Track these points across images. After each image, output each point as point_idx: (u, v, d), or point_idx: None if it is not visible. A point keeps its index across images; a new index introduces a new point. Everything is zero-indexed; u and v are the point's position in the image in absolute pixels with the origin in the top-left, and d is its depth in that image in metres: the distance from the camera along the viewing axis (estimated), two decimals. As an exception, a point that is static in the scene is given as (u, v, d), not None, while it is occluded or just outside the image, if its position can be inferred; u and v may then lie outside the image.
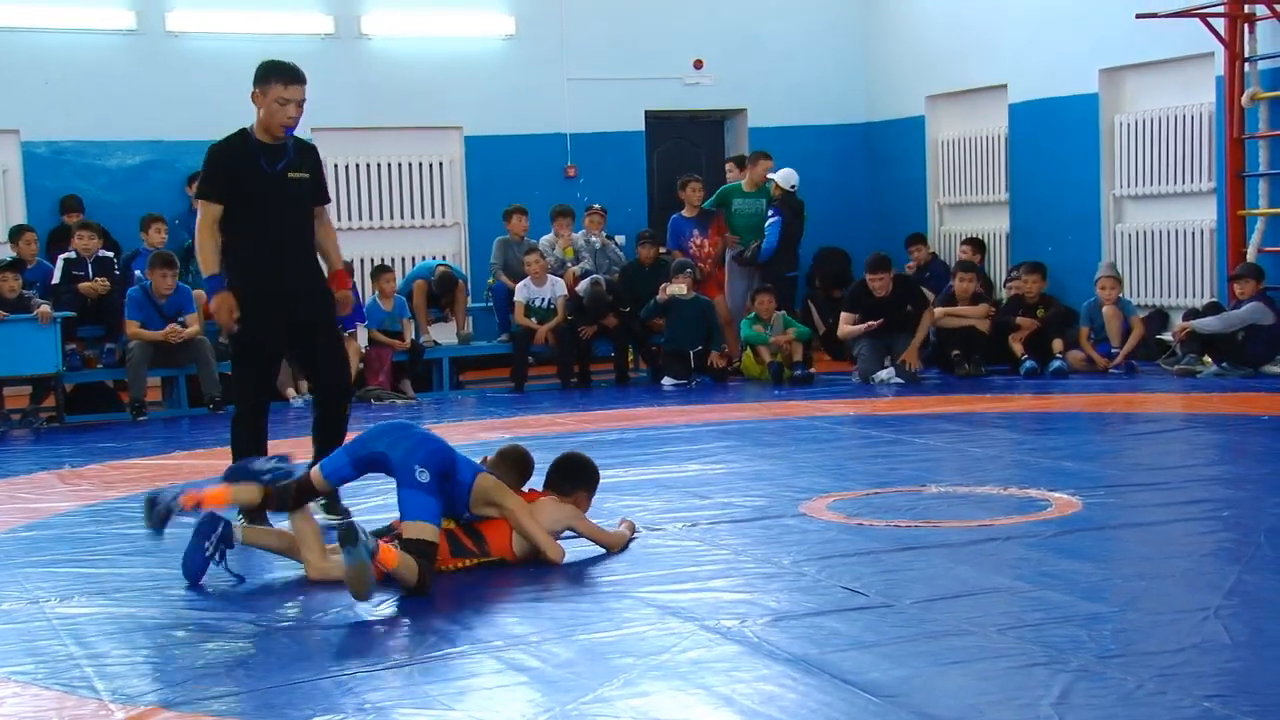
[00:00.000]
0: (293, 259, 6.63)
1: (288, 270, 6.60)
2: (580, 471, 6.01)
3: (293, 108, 6.45)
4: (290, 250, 6.63)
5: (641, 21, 15.33)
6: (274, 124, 6.49)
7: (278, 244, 6.57)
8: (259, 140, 6.55)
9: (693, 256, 13.18)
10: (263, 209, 6.54)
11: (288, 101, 6.44)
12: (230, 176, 6.53)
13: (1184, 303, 12.80)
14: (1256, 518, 6.12)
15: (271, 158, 6.54)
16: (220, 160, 6.57)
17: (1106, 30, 13.16)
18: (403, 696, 4.17)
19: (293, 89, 6.44)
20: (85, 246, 11.79)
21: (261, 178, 6.52)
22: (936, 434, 9.24)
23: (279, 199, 6.56)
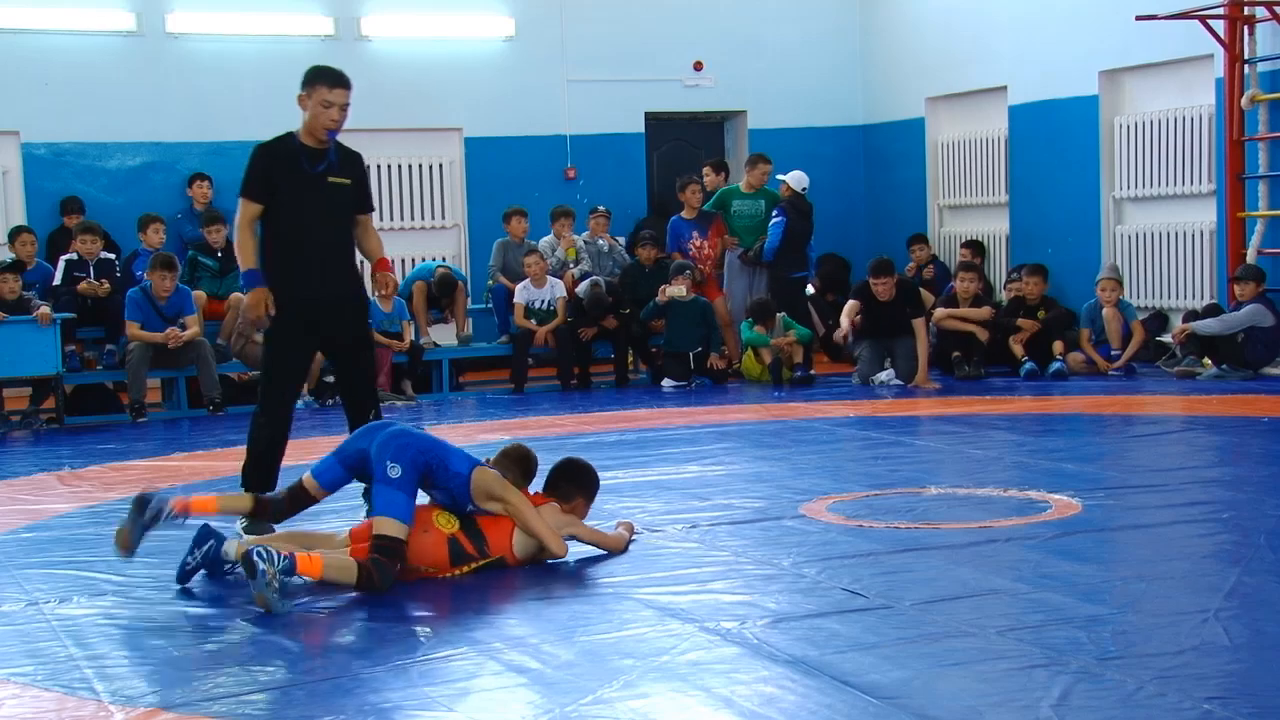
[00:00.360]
0: (324, 263, 6.62)
1: (318, 274, 6.60)
2: (580, 477, 5.99)
3: (336, 111, 6.53)
4: (322, 254, 6.62)
5: (641, 23, 15.34)
6: (318, 126, 6.56)
7: (310, 247, 6.59)
8: (303, 143, 6.62)
9: (692, 258, 13.18)
10: (298, 211, 6.58)
11: (332, 104, 6.51)
12: (269, 176, 6.58)
13: (1184, 304, 12.80)
14: (1256, 520, 6.12)
15: (312, 161, 6.61)
16: (261, 160, 6.63)
17: (1106, 32, 13.16)
18: (403, 698, 4.17)
19: (337, 92, 6.53)
20: (88, 250, 11.79)
21: (299, 180, 6.57)
22: (936, 436, 9.25)
23: (315, 202, 6.61)
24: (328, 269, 6.61)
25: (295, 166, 6.56)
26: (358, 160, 6.83)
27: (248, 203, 6.60)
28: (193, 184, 13.59)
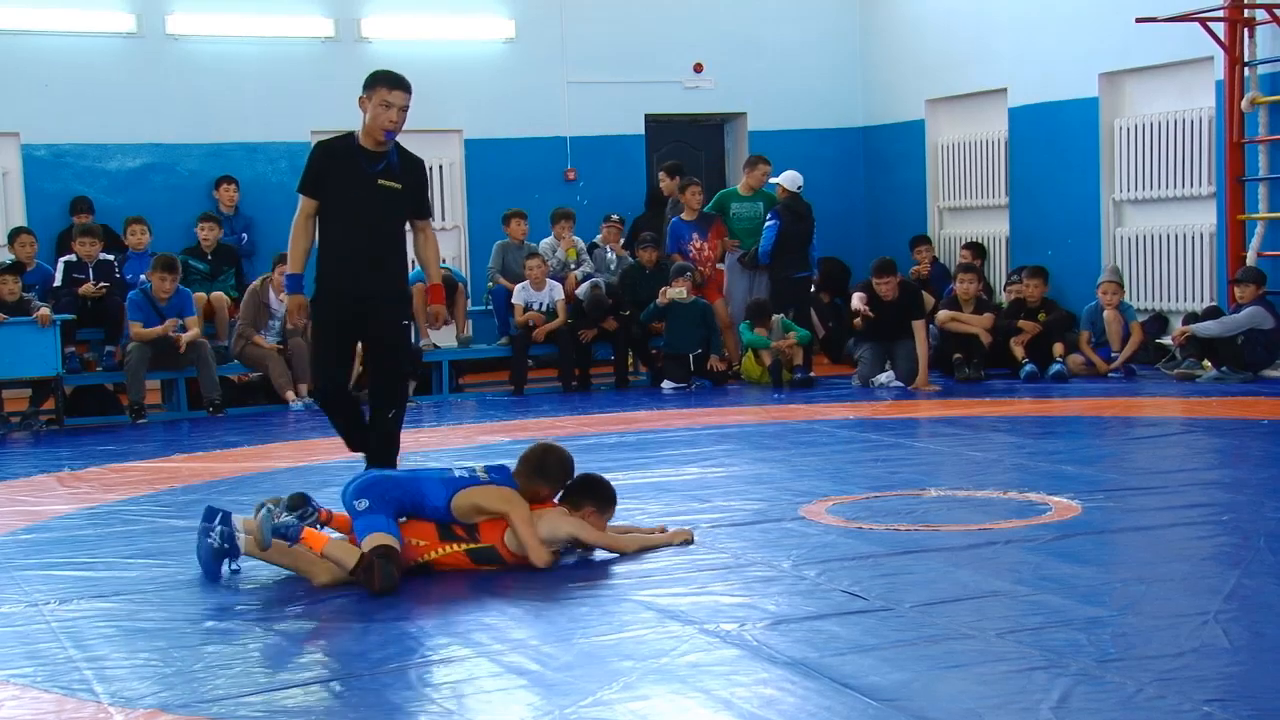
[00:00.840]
0: (367, 261, 6.83)
1: (360, 271, 6.81)
2: (591, 486, 5.96)
3: (395, 112, 6.73)
4: (367, 252, 6.83)
5: (641, 25, 15.34)
6: (376, 127, 6.75)
7: (355, 244, 6.82)
8: (360, 144, 6.82)
9: (692, 260, 13.19)
10: (349, 210, 6.81)
11: (391, 105, 6.72)
12: (323, 174, 6.83)
13: (1184, 307, 12.80)
14: (1256, 522, 6.13)
15: (369, 162, 6.80)
16: (318, 157, 6.88)
17: (1106, 34, 13.17)
18: (402, 700, 4.17)
19: (396, 94, 6.75)
20: (87, 253, 11.79)
21: (353, 179, 6.78)
22: (936, 438, 9.25)
23: (363, 202, 6.80)
24: (370, 267, 6.82)
25: (350, 166, 6.80)
26: (418, 166, 7.03)
27: (304, 199, 6.88)
28: (219, 186, 13.56)
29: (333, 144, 6.91)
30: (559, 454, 5.98)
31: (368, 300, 6.84)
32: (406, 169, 6.93)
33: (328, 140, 6.97)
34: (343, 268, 6.82)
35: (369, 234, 6.84)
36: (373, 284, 6.84)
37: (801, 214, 13.09)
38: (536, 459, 5.95)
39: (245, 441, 9.85)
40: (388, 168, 6.84)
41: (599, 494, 5.96)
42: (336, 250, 6.84)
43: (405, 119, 6.80)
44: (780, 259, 12.97)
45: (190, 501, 7.45)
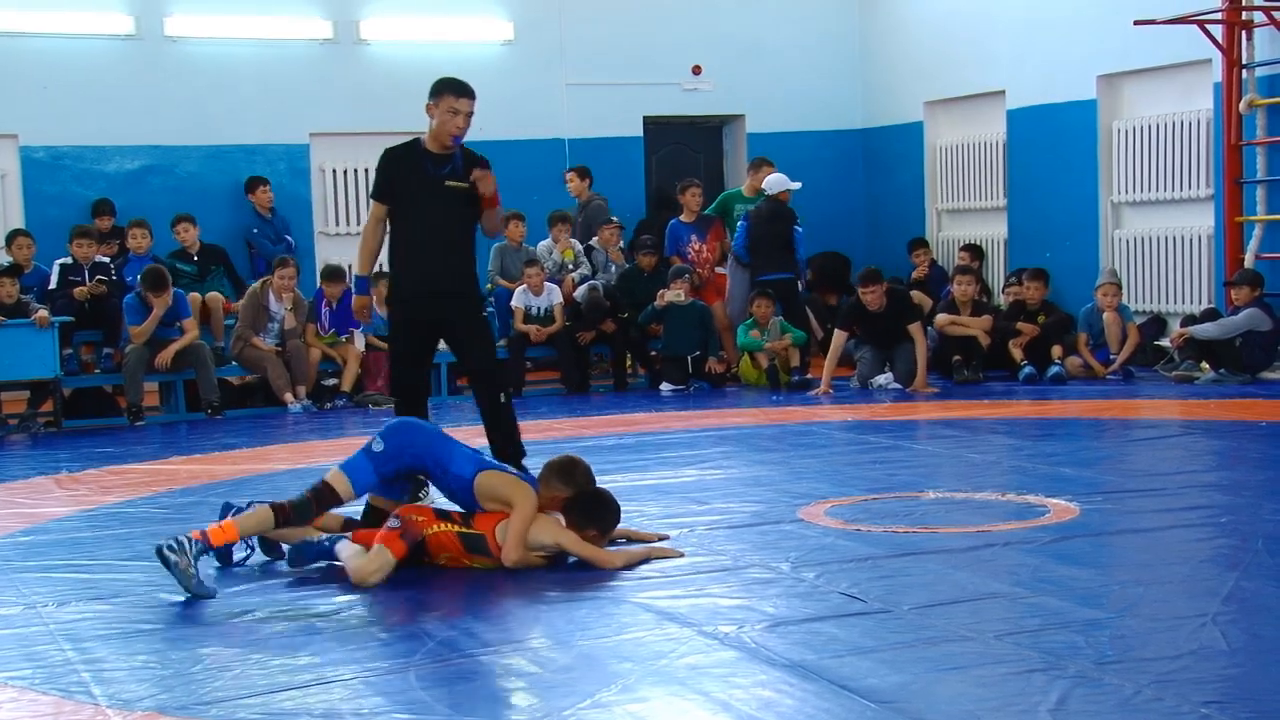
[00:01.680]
0: (440, 260, 7.11)
1: (434, 270, 7.10)
2: (598, 510, 5.95)
3: (462, 118, 7.03)
4: (438, 252, 7.11)
5: (640, 27, 15.34)
6: (444, 133, 7.05)
7: (427, 245, 7.10)
8: (427, 149, 7.11)
9: (691, 262, 13.19)
10: (418, 212, 7.10)
11: (458, 112, 7.02)
12: (394, 179, 7.12)
13: (1182, 309, 12.81)
14: (1254, 524, 6.13)
15: (436, 165, 7.08)
16: (388, 163, 7.17)
17: (1104, 36, 13.18)
18: (400, 701, 4.17)
19: (463, 101, 7.04)
20: (84, 255, 11.79)
21: (422, 183, 7.06)
22: (935, 440, 9.25)
23: (432, 204, 7.07)
24: (443, 266, 7.11)
25: (417, 170, 7.07)
26: (483, 164, 7.21)
27: (375, 203, 7.22)
28: (255, 189, 13.53)
29: (400, 150, 7.21)
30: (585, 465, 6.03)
31: (444, 299, 7.13)
32: (471, 167, 7.14)
33: (394, 147, 7.24)
34: (417, 269, 7.11)
35: (441, 235, 7.11)
36: (448, 283, 7.14)
37: (769, 216, 12.96)
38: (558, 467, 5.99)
39: (244, 444, 9.85)
40: (453, 169, 7.10)
41: (607, 521, 5.97)
42: (411, 252, 7.14)
43: (470, 124, 7.09)
44: (756, 260, 12.95)
45: (189, 504, 7.45)
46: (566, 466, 5.97)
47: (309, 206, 14.20)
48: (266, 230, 13.47)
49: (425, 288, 7.10)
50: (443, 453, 5.81)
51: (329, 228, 14.45)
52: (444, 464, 5.79)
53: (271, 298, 11.85)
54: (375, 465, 5.76)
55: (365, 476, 5.76)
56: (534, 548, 5.79)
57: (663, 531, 6.27)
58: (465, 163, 7.15)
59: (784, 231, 13.00)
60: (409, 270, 7.16)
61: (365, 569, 5.52)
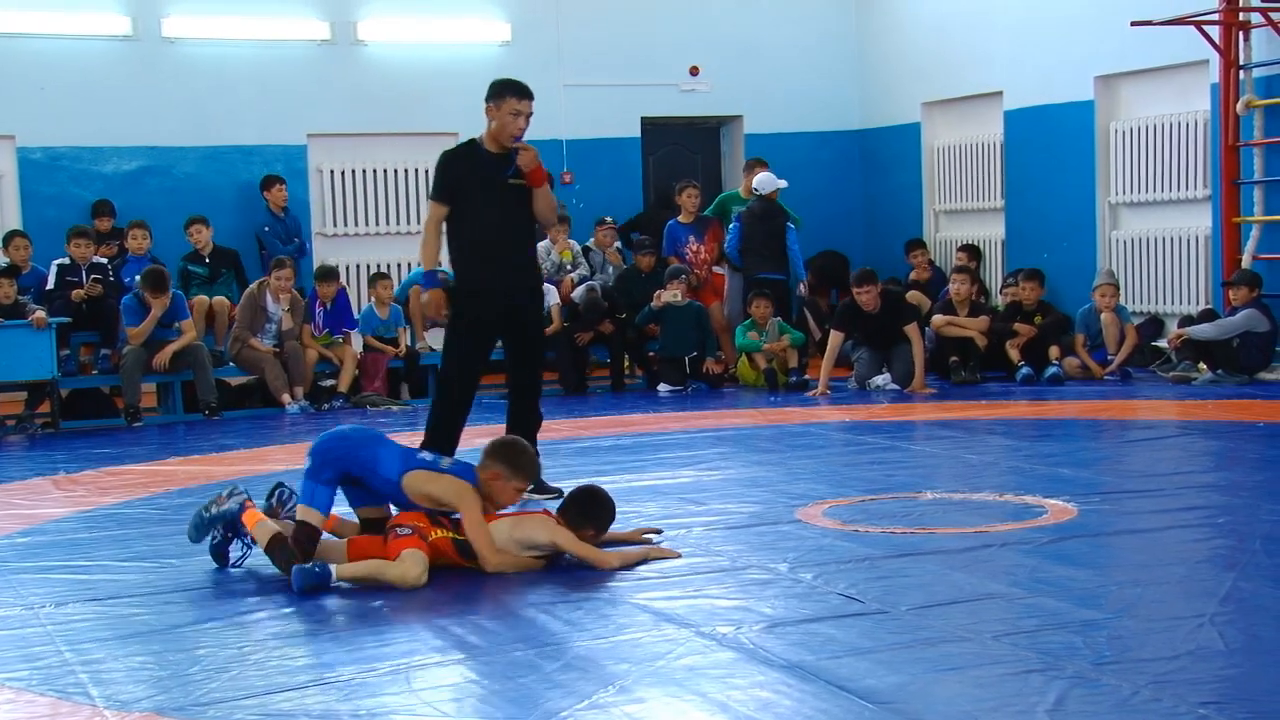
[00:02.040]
0: (505, 259, 7.17)
1: (506, 271, 7.17)
2: (595, 508, 5.97)
3: (523, 120, 7.08)
4: (503, 251, 7.17)
5: (637, 28, 15.34)
6: (504, 135, 7.08)
7: (492, 244, 7.14)
8: (487, 149, 7.13)
9: (689, 263, 13.19)
10: (482, 212, 7.11)
11: (520, 114, 7.06)
12: (457, 180, 7.13)
13: (1179, 309, 12.82)
14: (1251, 524, 6.13)
15: (497, 166, 7.10)
16: (449, 165, 7.20)
17: (1102, 37, 13.18)
18: (398, 702, 4.17)
19: (525, 103, 7.10)
20: (81, 255, 11.79)
21: (484, 183, 7.09)
22: (932, 440, 9.25)
23: (495, 204, 7.11)
24: (508, 264, 7.18)
25: (478, 171, 7.10)
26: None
27: (435, 204, 7.22)
28: (270, 187, 13.52)
29: (459, 151, 7.25)
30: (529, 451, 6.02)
31: (514, 297, 7.18)
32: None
33: (453, 149, 7.29)
34: (487, 269, 7.14)
35: (507, 234, 7.17)
36: (517, 281, 7.21)
37: (761, 215, 12.99)
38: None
39: (241, 444, 9.84)
40: (514, 170, 7.12)
41: (602, 519, 5.98)
42: (479, 252, 7.17)
43: (529, 125, 7.15)
44: (749, 260, 12.97)
45: (186, 504, 7.43)
46: (508, 446, 5.93)
47: (306, 207, 14.19)
48: (278, 229, 13.47)
49: (501, 288, 7.14)
50: (369, 456, 5.76)
51: (326, 228, 14.45)
52: (371, 467, 5.76)
53: (269, 298, 11.85)
54: (316, 481, 5.72)
55: (320, 496, 5.72)
56: (529, 548, 5.78)
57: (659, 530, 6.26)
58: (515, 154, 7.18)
59: (777, 230, 13.01)
60: (483, 271, 7.16)
61: (411, 574, 5.49)
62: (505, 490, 5.81)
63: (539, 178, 7.14)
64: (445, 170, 7.20)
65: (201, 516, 5.86)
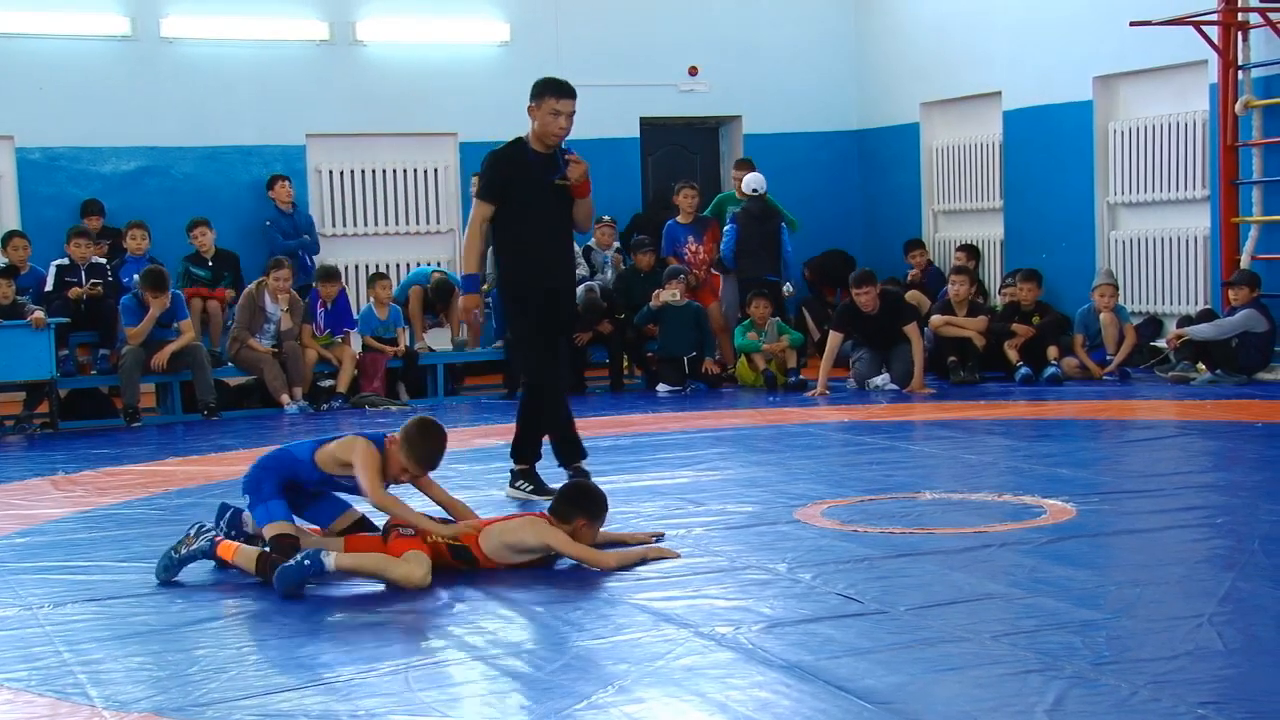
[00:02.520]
0: (551, 257, 7.22)
1: (553, 270, 7.22)
2: (579, 498, 5.96)
3: (564, 119, 7.07)
4: (550, 249, 7.21)
5: (636, 28, 15.34)
6: (547, 134, 7.10)
7: (539, 243, 7.17)
8: (533, 149, 7.14)
9: (687, 263, 13.20)
10: (530, 213, 7.14)
11: (560, 113, 7.04)
12: (504, 181, 7.13)
13: (1178, 310, 12.82)
14: (1250, 524, 6.13)
15: (543, 167, 7.11)
16: (496, 165, 7.19)
17: (1101, 38, 13.18)
18: (397, 703, 4.17)
19: (564, 102, 7.07)
20: (81, 255, 11.79)
21: (531, 184, 7.09)
22: (931, 440, 9.25)
23: (545, 205, 7.12)
24: (558, 264, 7.26)
25: (525, 172, 7.10)
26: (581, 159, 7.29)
27: (482, 204, 7.20)
28: (274, 185, 13.54)
29: (506, 152, 7.23)
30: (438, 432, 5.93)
31: (559, 295, 7.27)
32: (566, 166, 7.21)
33: (500, 149, 7.27)
34: (537, 267, 7.17)
35: (554, 233, 7.21)
36: (562, 279, 7.30)
37: (759, 216, 13.04)
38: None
39: (240, 445, 9.83)
40: (560, 171, 7.16)
41: (591, 506, 5.95)
42: (529, 252, 7.18)
43: (572, 124, 7.12)
44: (744, 262, 12.98)
45: (185, 505, 7.45)
46: (420, 425, 5.85)
47: (306, 208, 14.18)
48: (282, 223, 13.48)
49: (550, 285, 7.19)
50: (289, 459, 5.84)
51: (325, 228, 14.44)
52: (296, 470, 5.83)
53: (267, 299, 11.85)
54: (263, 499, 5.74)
55: (276, 509, 5.73)
56: (520, 551, 5.77)
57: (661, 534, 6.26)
58: (565, 162, 7.21)
59: (773, 232, 13.06)
60: (534, 270, 7.19)
61: (416, 575, 5.49)
62: (395, 461, 5.79)
63: (584, 190, 7.18)
64: (494, 170, 7.19)
65: (171, 558, 5.74)
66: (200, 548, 5.78)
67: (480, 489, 7.45)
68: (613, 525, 6.28)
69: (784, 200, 13.74)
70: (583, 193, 7.18)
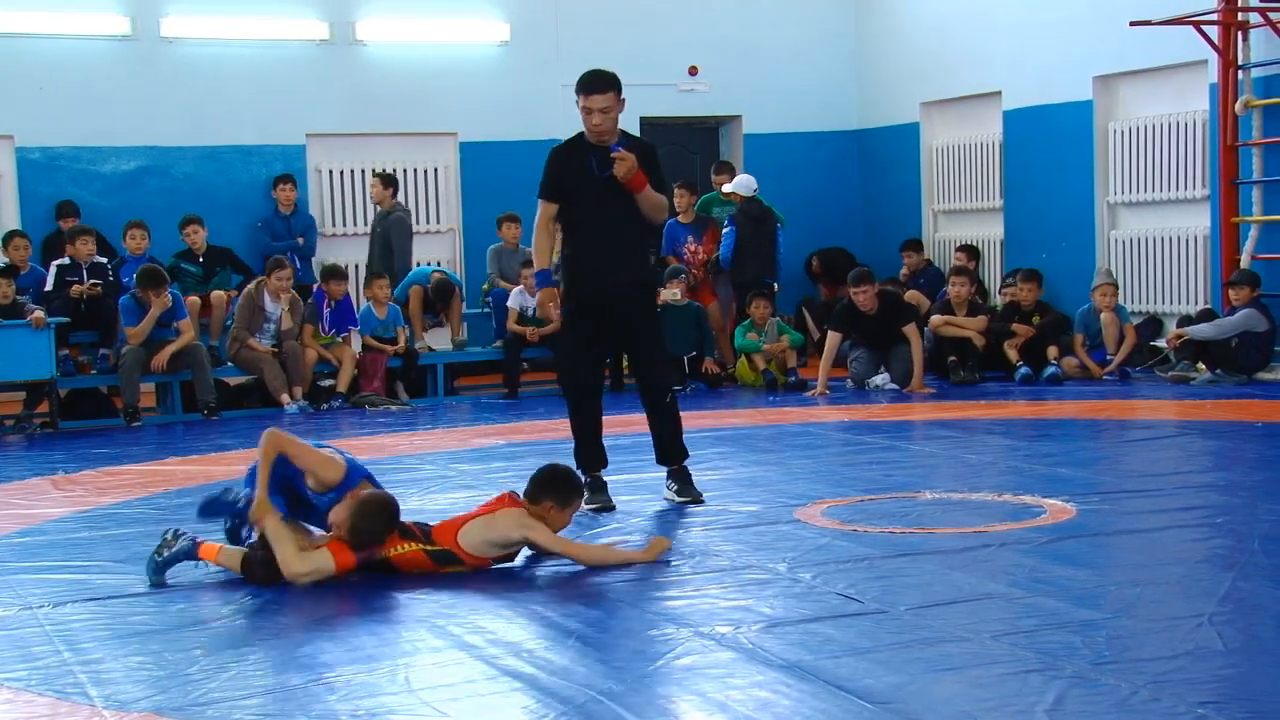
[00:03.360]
0: (610, 253, 7.00)
1: (606, 265, 7.00)
2: (549, 480, 5.85)
3: (596, 115, 6.87)
4: (609, 245, 7.00)
5: (636, 28, 15.34)
6: (587, 131, 6.95)
7: (597, 239, 6.99)
8: (591, 144, 6.98)
9: (687, 263, 13.20)
10: (586, 207, 7.01)
11: (590, 110, 6.88)
12: (560, 177, 7.03)
13: (1178, 309, 12.82)
14: (1250, 524, 6.13)
15: (601, 161, 6.92)
16: (553, 162, 7.09)
17: (1101, 37, 13.18)
18: (397, 702, 4.17)
19: (591, 98, 6.88)
20: (82, 254, 11.79)
21: (586, 179, 6.96)
22: (931, 440, 9.25)
23: (599, 198, 6.95)
24: (614, 261, 7.00)
25: (582, 166, 6.95)
26: (649, 151, 7.14)
27: (544, 203, 7.08)
28: (276, 186, 13.55)
29: (564, 147, 7.11)
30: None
31: (616, 293, 7.01)
32: (637, 157, 6.94)
33: (559, 145, 7.17)
34: (588, 266, 7.01)
35: (607, 229, 7.00)
36: (619, 276, 7.01)
37: (757, 217, 13.07)
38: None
39: (240, 444, 9.82)
40: (608, 170, 6.91)
41: (558, 487, 5.84)
42: (580, 249, 7.04)
43: (611, 118, 6.90)
44: (742, 264, 13.00)
45: (185, 505, 7.43)
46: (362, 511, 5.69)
47: (306, 207, 14.18)
48: (274, 224, 13.49)
49: (602, 284, 7.00)
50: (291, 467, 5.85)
51: (325, 228, 14.44)
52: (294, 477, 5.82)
53: (267, 298, 11.85)
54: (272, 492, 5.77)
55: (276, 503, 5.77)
56: (504, 547, 5.73)
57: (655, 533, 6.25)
58: (632, 152, 6.94)
59: (770, 233, 13.10)
60: (585, 269, 7.04)
61: (296, 567, 5.50)
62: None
63: (637, 184, 6.93)
64: (547, 168, 7.09)
65: (154, 561, 5.72)
66: (182, 548, 5.75)
67: (480, 489, 7.44)
68: (612, 525, 6.29)
69: (784, 200, 13.77)
70: (636, 186, 6.92)
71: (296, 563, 5.53)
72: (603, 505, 6.92)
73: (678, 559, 5.81)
